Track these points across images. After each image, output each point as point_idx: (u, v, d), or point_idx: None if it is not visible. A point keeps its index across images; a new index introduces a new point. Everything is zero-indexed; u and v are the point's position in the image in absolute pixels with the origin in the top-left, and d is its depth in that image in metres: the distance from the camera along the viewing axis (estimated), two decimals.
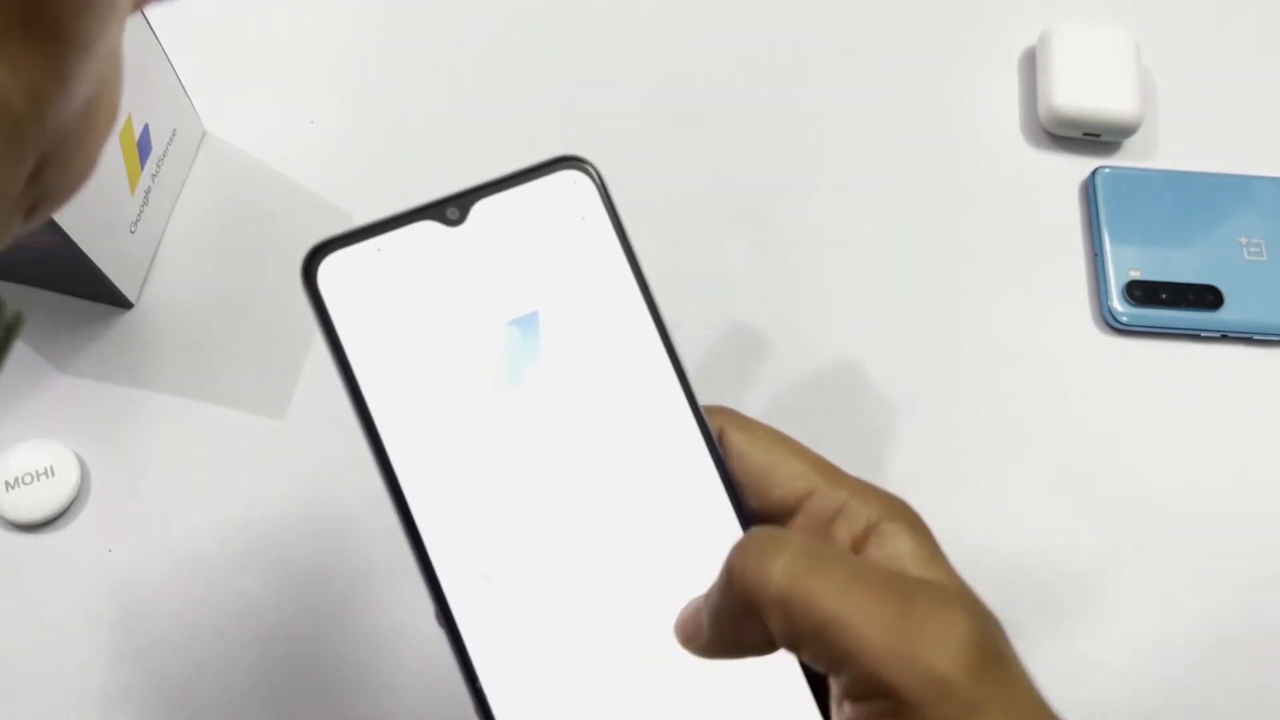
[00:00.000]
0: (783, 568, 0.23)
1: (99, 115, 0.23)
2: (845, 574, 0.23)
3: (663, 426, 0.29)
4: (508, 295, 0.29)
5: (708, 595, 0.26)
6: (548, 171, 0.30)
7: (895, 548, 0.26)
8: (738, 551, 0.24)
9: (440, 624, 0.27)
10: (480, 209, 0.30)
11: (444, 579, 0.28)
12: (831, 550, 0.24)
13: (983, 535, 0.50)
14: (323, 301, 0.28)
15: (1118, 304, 0.54)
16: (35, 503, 0.48)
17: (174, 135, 0.53)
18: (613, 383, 0.29)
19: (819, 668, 0.24)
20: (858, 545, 0.27)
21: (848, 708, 0.23)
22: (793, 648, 0.24)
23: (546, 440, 0.29)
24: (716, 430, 0.29)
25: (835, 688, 0.24)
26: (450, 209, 0.29)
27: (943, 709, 0.22)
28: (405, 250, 0.29)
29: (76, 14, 0.19)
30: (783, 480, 0.28)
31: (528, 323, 0.29)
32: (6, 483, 0.48)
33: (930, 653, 0.22)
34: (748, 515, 0.29)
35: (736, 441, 0.29)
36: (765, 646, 0.24)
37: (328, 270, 0.28)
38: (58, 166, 0.22)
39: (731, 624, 0.25)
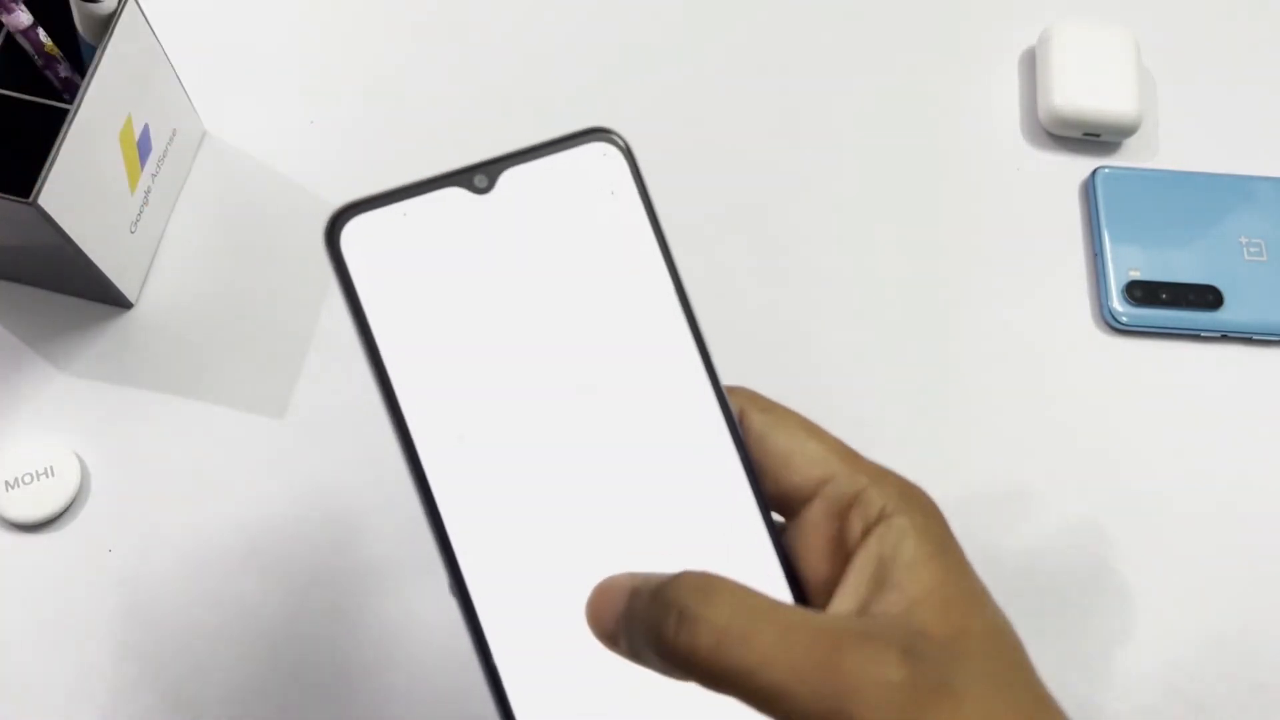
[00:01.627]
0: (710, 641, 0.23)
1: None
2: (774, 638, 0.23)
3: (683, 405, 0.29)
4: (533, 265, 0.29)
5: (629, 608, 0.25)
6: (578, 142, 0.30)
7: (895, 543, 0.26)
8: (663, 608, 0.24)
9: (454, 595, 0.27)
10: (508, 177, 0.30)
11: (460, 551, 0.27)
12: (762, 608, 0.24)
13: (983, 535, 0.50)
14: (345, 264, 0.28)
15: (1118, 304, 0.54)
16: (35, 503, 0.48)
17: (174, 135, 0.53)
18: (634, 358, 0.29)
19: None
20: (866, 534, 0.27)
21: None
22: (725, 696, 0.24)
23: (566, 415, 0.29)
24: (737, 411, 0.29)
25: None
26: (478, 176, 0.29)
27: None
28: (431, 216, 0.29)
29: None
30: (801, 465, 0.28)
31: (552, 293, 0.29)
32: (6, 483, 0.48)
33: (863, 709, 0.22)
34: (766, 499, 0.29)
35: (757, 423, 0.29)
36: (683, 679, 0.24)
37: (351, 233, 0.28)
38: None
39: (652, 663, 0.24)
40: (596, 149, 0.31)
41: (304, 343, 0.52)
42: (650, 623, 0.24)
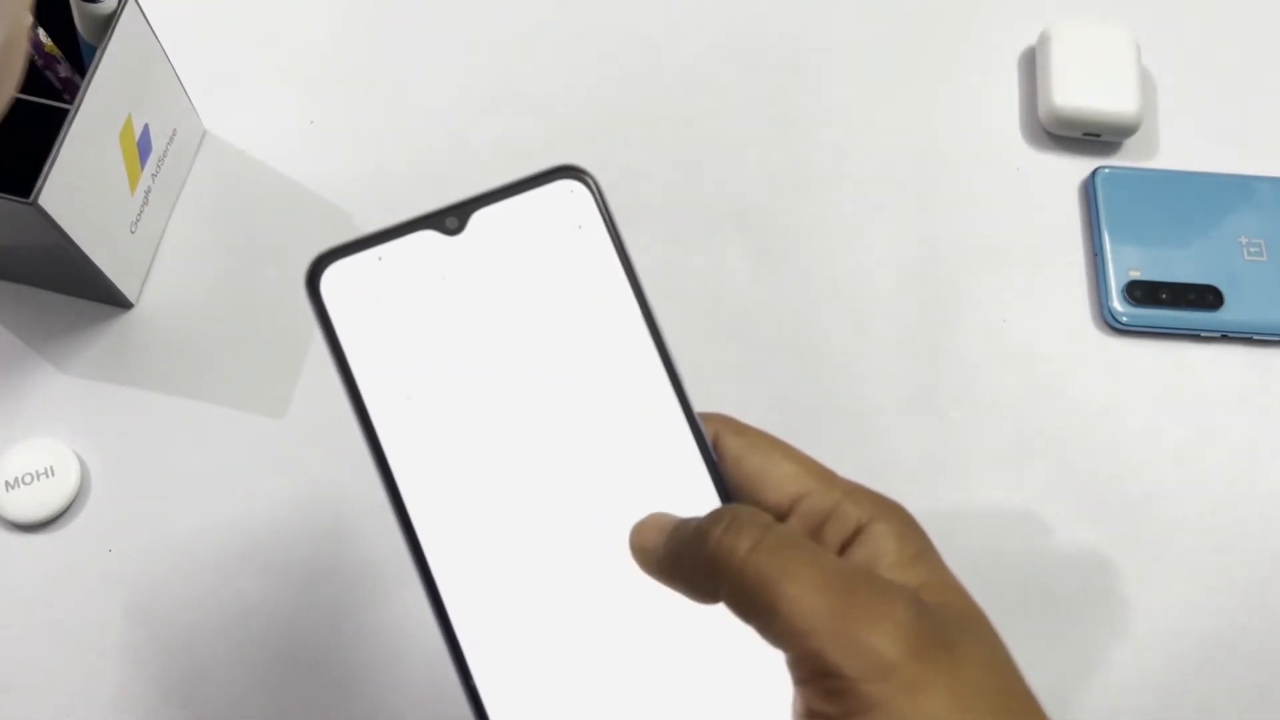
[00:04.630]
0: (748, 544, 0.25)
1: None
2: (802, 558, 0.25)
3: (657, 432, 0.30)
4: (505, 303, 0.30)
5: (676, 530, 0.27)
6: (545, 181, 0.31)
7: (878, 547, 0.27)
8: (713, 517, 0.26)
9: (435, 619, 0.28)
10: (479, 218, 0.31)
11: (436, 570, 0.29)
12: (797, 538, 0.26)
13: (983, 535, 0.50)
14: (326, 310, 0.29)
15: (1118, 304, 0.54)
16: (35, 503, 0.48)
17: (174, 135, 0.53)
18: (608, 389, 0.30)
19: (767, 641, 0.25)
20: (845, 545, 0.27)
21: (796, 695, 0.25)
22: (743, 618, 0.25)
23: (542, 446, 0.29)
24: (711, 435, 0.30)
25: (788, 675, 0.25)
26: (449, 219, 0.30)
27: (882, 687, 0.23)
28: (405, 259, 0.30)
29: None
30: (776, 484, 0.29)
31: (524, 329, 0.30)
32: (6, 483, 0.48)
33: (870, 633, 0.23)
34: None
35: (731, 446, 0.30)
36: (708, 599, 0.26)
37: (330, 279, 0.29)
38: None
39: (688, 570, 0.26)
40: (563, 186, 0.31)
41: (304, 343, 0.52)
42: (700, 529, 0.26)
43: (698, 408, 0.30)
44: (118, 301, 0.52)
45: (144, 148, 0.50)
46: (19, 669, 0.46)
